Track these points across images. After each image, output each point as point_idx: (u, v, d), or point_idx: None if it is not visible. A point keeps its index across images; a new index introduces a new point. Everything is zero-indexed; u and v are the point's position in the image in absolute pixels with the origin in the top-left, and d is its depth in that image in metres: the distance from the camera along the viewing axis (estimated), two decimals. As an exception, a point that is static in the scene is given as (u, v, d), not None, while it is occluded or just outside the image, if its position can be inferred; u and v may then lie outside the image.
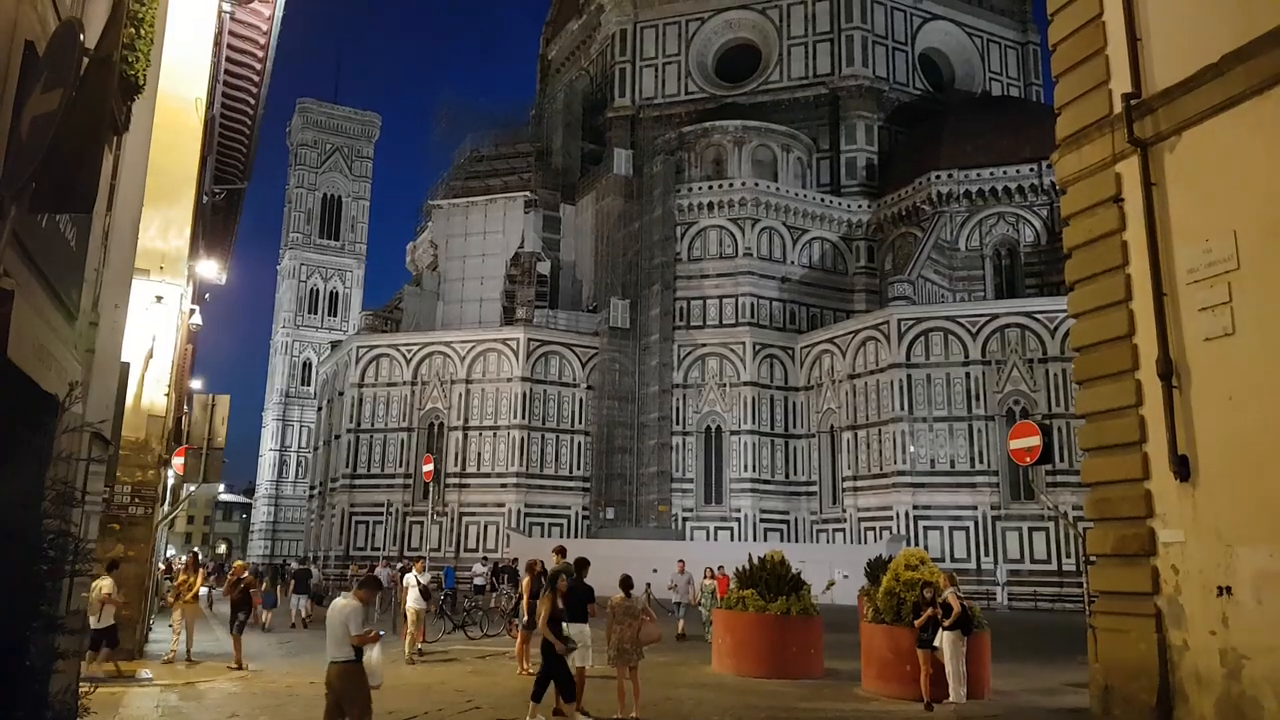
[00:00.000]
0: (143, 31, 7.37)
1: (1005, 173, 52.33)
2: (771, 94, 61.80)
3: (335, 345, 65.95)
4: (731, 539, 49.34)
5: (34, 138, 3.85)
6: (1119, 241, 10.93)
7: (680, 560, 24.93)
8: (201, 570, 18.28)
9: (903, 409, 46.07)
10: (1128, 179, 10.87)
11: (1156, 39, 10.77)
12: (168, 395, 15.77)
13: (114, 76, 4.65)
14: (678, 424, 52.42)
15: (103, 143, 4.75)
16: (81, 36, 4.09)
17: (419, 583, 17.60)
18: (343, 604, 7.31)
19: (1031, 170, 51.51)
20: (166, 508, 20.63)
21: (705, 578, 22.90)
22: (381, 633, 7.56)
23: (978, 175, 52.60)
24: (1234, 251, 9.42)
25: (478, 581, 31.80)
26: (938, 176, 52.99)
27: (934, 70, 66.14)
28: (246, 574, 17.97)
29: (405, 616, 17.69)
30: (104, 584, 13.25)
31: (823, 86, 60.82)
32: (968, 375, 45.61)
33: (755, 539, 48.11)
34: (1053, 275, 46.64)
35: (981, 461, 44.92)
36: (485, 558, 41.56)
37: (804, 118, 60.43)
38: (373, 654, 7.37)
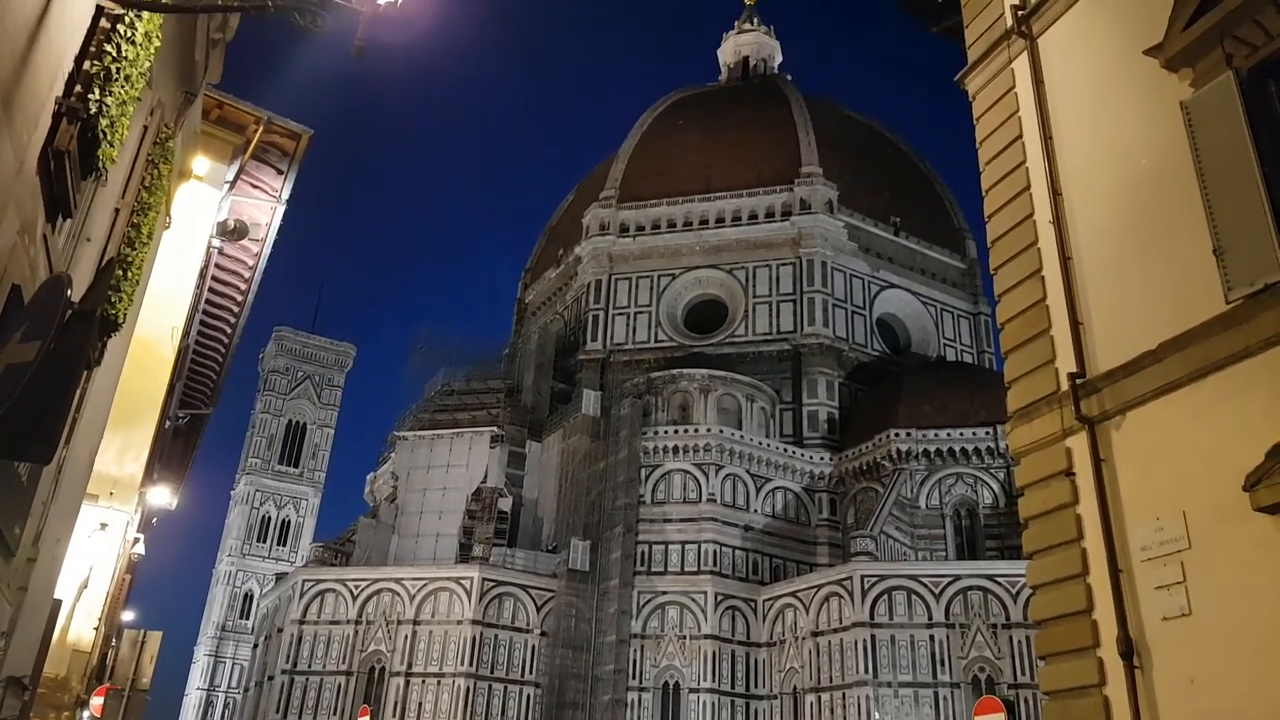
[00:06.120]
0: (130, 274, 7.56)
1: (962, 434, 53.68)
2: (737, 346, 64.34)
3: (280, 577, 63.32)
4: (686, 811, 45.71)
5: (3, 386, 3.84)
6: (1073, 515, 10.98)
7: None
8: None
9: (867, 672, 44.39)
10: (1078, 454, 11.07)
11: (1098, 323, 11.35)
12: (96, 629, 14.88)
13: (95, 329, 4.74)
14: (634, 678, 49.90)
15: (73, 397, 4.77)
16: (69, 292, 4.18)
17: None
18: None
19: (987, 434, 52.92)
20: (73, 755, 18.88)
21: None
22: None
23: (935, 435, 53.89)
24: (1184, 532, 9.50)
25: None
26: (897, 434, 54.24)
27: (891, 333, 69.57)
28: None
29: None
30: None
31: (786, 343, 63.52)
32: (931, 638, 44.45)
33: (711, 811, 44.62)
34: (1011, 538, 46.75)
35: (949, 731, 42.86)
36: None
37: (768, 370, 62.60)
38: None
